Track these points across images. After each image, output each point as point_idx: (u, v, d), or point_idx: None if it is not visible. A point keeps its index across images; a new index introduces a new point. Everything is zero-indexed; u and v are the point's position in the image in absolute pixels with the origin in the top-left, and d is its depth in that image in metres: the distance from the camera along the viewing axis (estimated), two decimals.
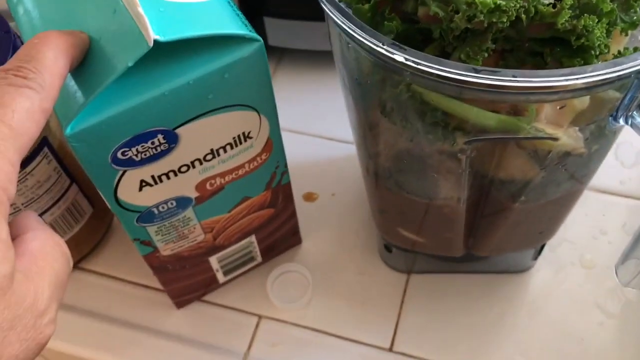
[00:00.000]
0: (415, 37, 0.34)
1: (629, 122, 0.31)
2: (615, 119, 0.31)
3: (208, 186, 0.41)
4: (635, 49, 0.34)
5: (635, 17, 0.33)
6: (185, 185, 0.40)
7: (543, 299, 0.50)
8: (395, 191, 0.40)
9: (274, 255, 0.53)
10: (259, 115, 0.39)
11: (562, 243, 0.52)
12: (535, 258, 0.50)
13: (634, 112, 0.31)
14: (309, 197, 0.56)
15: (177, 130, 0.36)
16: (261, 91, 0.38)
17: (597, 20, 0.31)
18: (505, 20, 0.30)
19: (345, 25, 0.29)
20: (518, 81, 0.26)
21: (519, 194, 0.37)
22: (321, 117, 0.62)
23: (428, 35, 0.33)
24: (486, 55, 0.31)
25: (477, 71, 0.26)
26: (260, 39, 0.35)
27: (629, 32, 0.33)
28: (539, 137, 0.31)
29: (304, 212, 0.54)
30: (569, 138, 0.32)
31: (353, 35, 0.29)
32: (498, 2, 0.29)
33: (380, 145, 0.37)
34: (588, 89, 0.27)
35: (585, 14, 0.31)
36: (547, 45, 0.33)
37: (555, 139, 0.31)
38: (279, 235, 0.51)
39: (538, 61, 0.33)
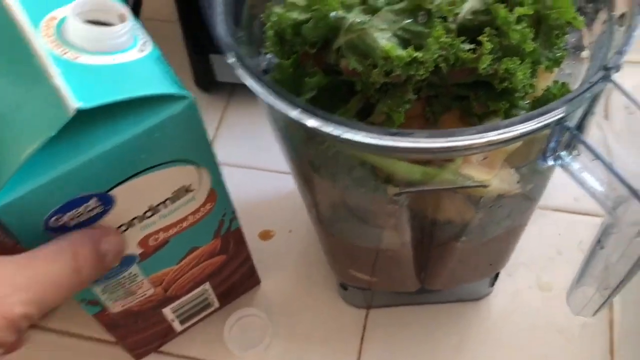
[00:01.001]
0: (341, 88, 0.33)
1: (558, 162, 0.31)
2: (545, 160, 0.31)
3: (151, 241, 0.40)
4: (563, 86, 0.35)
5: (559, 54, 0.33)
6: (127, 244, 0.39)
7: (502, 325, 0.50)
8: (340, 237, 0.39)
9: (233, 299, 0.53)
10: (198, 168, 0.38)
11: (518, 267, 0.52)
12: (492, 285, 0.49)
13: (562, 153, 0.31)
14: (266, 235, 0.55)
15: (111, 192, 0.35)
16: (197, 145, 0.37)
17: (519, 62, 0.31)
18: (422, 73, 0.29)
19: (256, 89, 0.28)
20: (433, 142, 0.26)
21: (460, 234, 0.37)
22: (276, 150, 0.61)
23: (353, 86, 0.32)
24: (408, 106, 0.31)
25: (392, 134, 0.26)
26: (190, 95, 0.34)
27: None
28: (468, 186, 0.31)
29: (262, 251, 0.54)
30: (501, 182, 0.32)
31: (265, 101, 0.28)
32: (414, 54, 0.29)
33: (318, 195, 0.36)
34: (507, 142, 0.27)
35: (506, 58, 0.31)
36: (472, 89, 0.33)
37: (486, 186, 0.31)
38: (234, 279, 0.50)
39: (464, 105, 0.33)
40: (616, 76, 0.30)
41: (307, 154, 0.33)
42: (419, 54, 0.29)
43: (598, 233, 0.34)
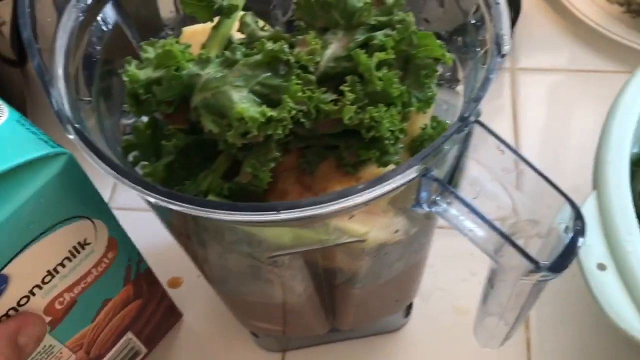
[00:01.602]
0: (206, 147, 0.31)
1: (434, 209, 0.30)
2: (419, 206, 0.30)
3: (57, 305, 0.38)
4: (439, 125, 0.34)
5: (430, 94, 0.32)
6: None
7: (421, 354, 0.48)
8: (233, 295, 0.38)
9: (159, 339, 0.51)
10: (92, 221, 0.36)
11: (433, 291, 0.51)
12: (407, 315, 0.48)
13: (437, 199, 0.30)
14: (175, 282, 0.53)
15: (4, 271, 0.32)
16: (85, 198, 0.35)
17: (385, 108, 0.30)
18: (281, 131, 0.28)
19: (100, 167, 0.26)
20: (285, 213, 0.24)
21: (353, 281, 0.36)
22: None
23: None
24: (272, 164, 0.29)
25: (238, 208, 0.24)
26: (66, 150, 0.32)
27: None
28: (343, 242, 0.29)
29: (173, 300, 0.52)
30: (379, 231, 0.31)
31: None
32: (269, 114, 0.27)
33: (199, 259, 0.34)
34: (367, 203, 0.25)
35: (371, 107, 0.29)
36: (342, 139, 0.31)
37: (362, 241, 0.30)
38: (156, 320, 0.48)
39: (338, 155, 0.32)
40: (483, 117, 0.29)
41: (172, 221, 0.31)
42: (273, 113, 0.27)
43: (488, 273, 0.33)
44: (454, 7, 0.33)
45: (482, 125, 0.29)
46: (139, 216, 0.40)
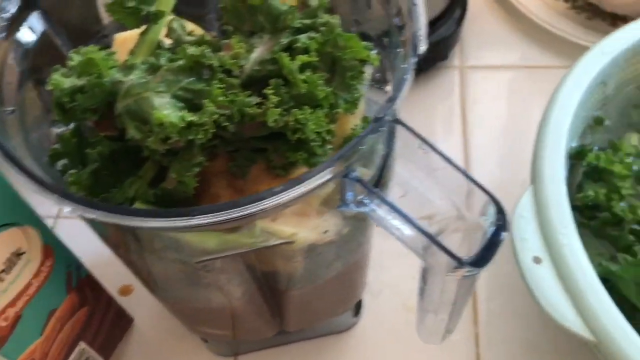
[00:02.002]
0: (135, 152, 0.31)
1: (362, 209, 0.30)
2: (346, 206, 0.30)
3: (2, 322, 0.37)
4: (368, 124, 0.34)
5: (356, 95, 0.32)
6: None
7: (372, 353, 0.49)
8: (174, 302, 0.37)
9: (114, 347, 0.50)
10: (22, 228, 0.36)
11: (383, 290, 0.51)
12: (356, 315, 0.49)
13: (364, 199, 0.30)
14: (126, 290, 0.53)
15: None
16: (12, 205, 0.35)
17: (311, 110, 0.30)
18: (202, 136, 0.28)
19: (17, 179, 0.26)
20: (198, 219, 0.24)
21: (292, 282, 0.36)
22: None
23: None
24: (197, 169, 0.29)
25: (151, 214, 0.24)
26: None
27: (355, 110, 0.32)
28: (271, 245, 0.30)
29: (126, 308, 0.51)
30: (308, 232, 0.31)
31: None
32: (189, 119, 0.27)
33: (132, 265, 0.34)
34: (285, 205, 0.26)
35: (295, 109, 0.29)
36: (270, 141, 0.31)
37: (291, 242, 0.30)
38: (106, 327, 0.48)
39: (267, 157, 0.32)
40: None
41: (102, 231, 0.31)
42: (194, 118, 0.28)
43: (420, 271, 0.33)
44: (379, 9, 0.33)
45: (404, 125, 0.29)
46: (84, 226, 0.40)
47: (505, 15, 0.68)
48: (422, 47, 0.28)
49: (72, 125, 0.32)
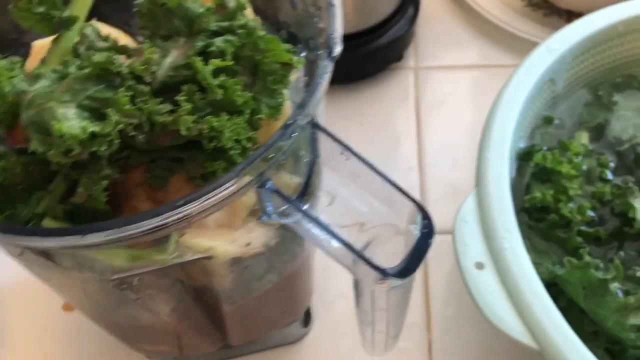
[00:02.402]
0: (47, 164, 0.30)
1: (285, 220, 0.29)
2: (268, 217, 0.29)
3: None
4: None
5: (280, 100, 0.31)
6: None
7: None
8: (103, 320, 0.36)
9: None
10: None
11: (335, 300, 0.50)
12: (306, 325, 0.47)
13: (286, 210, 0.28)
14: (69, 306, 0.51)
15: None
16: None
17: (228, 117, 0.29)
18: (106, 147, 0.26)
19: None
20: (91, 237, 0.23)
21: (223, 297, 0.34)
22: None
23: None
24: (106, 183, 0.28)
25: (42, 234, 0.23)
26: None
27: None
28: (187, 261, 0.28)
29: (69, 323, 0.49)
30: (227, 246, 0.30)
31: None
32: (91, 129, 0.26)
33: (51, 284, 0.33)
34: (187, 219, 0.24)
35: (210, 116, 0.28)
36: (186, 151, 0.30)
37: (209, 257, 0.28)
38: None
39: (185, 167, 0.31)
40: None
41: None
42: (96, 129, 0.26)
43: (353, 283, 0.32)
44: (303, 10, 0.32)
45: (324, 131, 0.28)
46: None
47: (461, 13, 0.67)
48: (337, 50, 0.27)
49: None
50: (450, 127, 0.60)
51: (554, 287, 0.40)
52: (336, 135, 0.28)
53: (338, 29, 0.27)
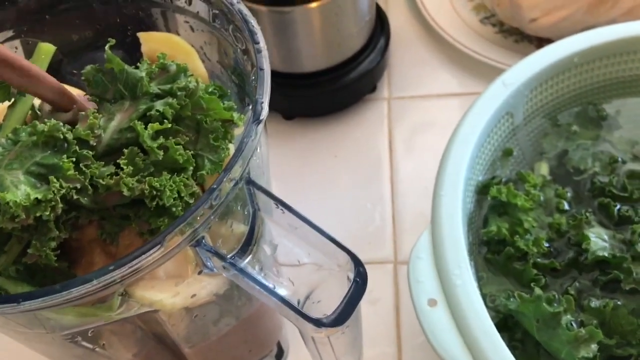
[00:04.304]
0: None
1: (224, 274, 0.30)
2: (211, 270, 0.30)
3: None
4: None
5: (223, 155, 0.32)
6: None
7: None
8: None
9: None
10: None
11: None
12: (279, 359, 0.48)
13: (231, 261, 0.30)
14: None
15: None
16: None
17: (168, 176, 0.30)
18: (49, 212, 0.28)
19: None
20: (26, 304, 0.24)
21: (182, 342, 0.36)
22: None
23: None
24: (54, 244, 0.29)
25: None
26: None
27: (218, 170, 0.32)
28: (135, 314, 0.30)
29: None
30: (175, 298, 0.31)
31: None
32: (34, 196, 0.28)
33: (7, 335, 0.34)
34: (120, 281, 0.26)
35: (149, 177, 0.30)
36: (133, 208, 0.31)
37: (155, 310, 0.30)
38: None
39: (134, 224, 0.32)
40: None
41: None
42: (39, 195, 0.28)
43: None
44: (244, 68, 0.33)
45: (257, 187, 0.30)
46: None
47: (433, 42, 0.69)
48: (264, 114, 0.28)
49: None
50: (423, 156, 0.61)
51: (511, 319, 0.41)
52: (268, 190, 0.30)
53: (265, 93, 0.29)
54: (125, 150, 0.30)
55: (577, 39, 0.48)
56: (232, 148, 0.33)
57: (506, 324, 0.41)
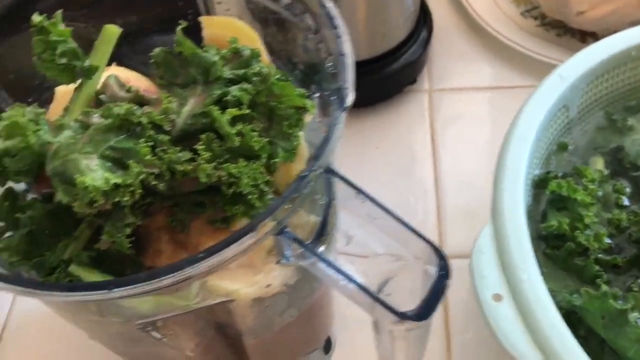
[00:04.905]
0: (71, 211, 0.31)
1: (302, 262, 0.29)
2: (286, 260, 0.29)
3: None
4: None
5: (295, 143, 0.32)
6: None
7: None
8: (127, 356, 0.37)
9: None
10: None
11: (352, 323, 0.50)
12: (328, 352, 0.48)
13: (303, 253, 0.29)
14: None
15: None
16: None
17: (245, 163, 0.29)
18: (129, 198, 0.27)
19: None
20: (117, 291, 0.23)
21: (246, 333, 0.35)
22: None
23: None
24: (129, 230, 0.28)
25: (72, 289, 0.23)
26: None
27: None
28: (211, 304, 0.29)
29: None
30: (251, 288, 0.30)
31: None
32: (113, 181, 0.27)
33: (74, 322, 0.34)
34: (209, 271, 0.25)
35: (228, 163, 0.29)
36: (207, 195, 0.30)
37: (231, 300, 0.29)
38: None
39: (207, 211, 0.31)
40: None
41: None
42: (119, 180, 0.27)
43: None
44: (315, 55, 0.32)
45: (338, 176, 0.29)
46: None
47: (474, 35, 0.68)
48: (349, 100, 0.27)
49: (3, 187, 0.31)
50: (465, 149, 0.60)
51: (574, 315, 0.40)
52: (350, 180, 0.29)
53: (350, 79, 0.28)
54: (202, 136, 0.29)
55: (636, 32, 0.47)
56: (302, 136, 0.32)
57: (569, 320, 0.39)
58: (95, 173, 0.27)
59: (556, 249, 0.42)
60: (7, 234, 0.31)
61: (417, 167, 0.59)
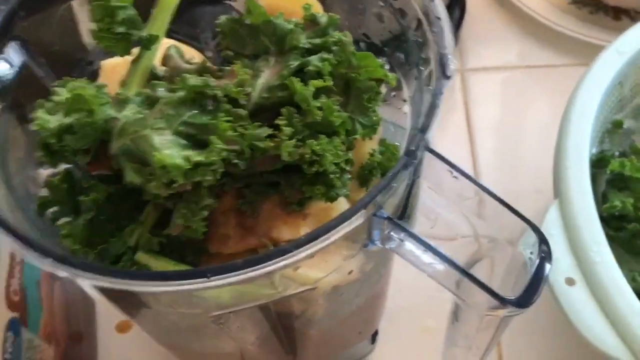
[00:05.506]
0: (135, 193, 0.28)
1: (388, 245, 0.27)
2: (372, 244, 0.27)
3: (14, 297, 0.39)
4: (387, 149, 0.31)
5: (375, 118, 0.29)
6: None
7: None
8: (179, 349, 0.34)
9: None
10: None
11: (398, 314, 0.48)
12: (373, 342, 0.46)
13: (390, 234, 0.27)
14: (124, 327, 0.49)
15: None
16: None
17: (327, 140, 0.27)
18: (211, 177, 0.25)
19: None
20: (216, 279, 0.21)
21: (311, 323, 0.33)
22: None
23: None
24: (206, 213, 0.26)
25: (162, 278, 0.21)
26: None
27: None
28: (292, 294, 0.27)
29: (120, 347, 0.48)
30: (333, 275, 0.28)
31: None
32: (195, 159, 0.24)
33: (134, 316, 0.31)
34: (307, 257, 0.23)
35: (311, 139, 0.26)
36: (284, 175, 0.28)
37: (313, 288, 0.27)
38: None
39: (280, 191, 0.29)
40: (434, 143, 0.27)
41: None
42: (201, 158, 0.24)
43: (452, 306, 0.31)
44: (394, 23, 0.30)
45: (433, 152, 0.27)
46: None
47: (505, 14, 0.66)
48: (452, 67, 0.25)
49: (61, 168, 0.29)
50: (499, 128, 0.58)
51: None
52: (445, 157, 0.27)
53: (450, 45, 0.26)
54: (283, 110, 0.27)
55: None
56: (378, 111, 0.30)
57: None
58: (170, 150, 0.25)
59: (619, 231, 0.41)
60: (63, 220, 0.29)
61: (453, 148, 0.57)
